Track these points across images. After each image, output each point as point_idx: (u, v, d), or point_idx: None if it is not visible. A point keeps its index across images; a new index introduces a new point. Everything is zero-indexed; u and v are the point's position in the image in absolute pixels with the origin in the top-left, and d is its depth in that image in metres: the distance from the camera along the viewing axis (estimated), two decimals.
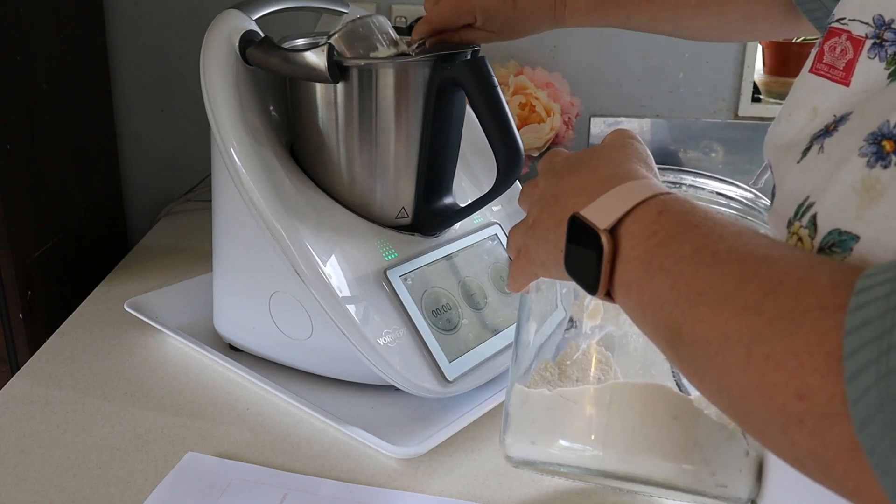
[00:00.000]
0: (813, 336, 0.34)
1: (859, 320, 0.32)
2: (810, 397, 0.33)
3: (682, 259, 0.41)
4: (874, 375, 0.31)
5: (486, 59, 0.81)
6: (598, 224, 0.45)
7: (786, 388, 0.34)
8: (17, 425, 0.81)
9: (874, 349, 0.31)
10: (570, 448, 0.53)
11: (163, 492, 0.72)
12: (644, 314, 0.44)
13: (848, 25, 0.47)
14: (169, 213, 1.38)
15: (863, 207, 0.40)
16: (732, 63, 1.38)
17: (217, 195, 0.89)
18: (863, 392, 0.31)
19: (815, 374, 0.33)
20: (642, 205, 0.45)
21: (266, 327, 0.88)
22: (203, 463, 0.76)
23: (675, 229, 0.43)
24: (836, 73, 0.47)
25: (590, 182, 0.49)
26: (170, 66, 1.38)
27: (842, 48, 0.47)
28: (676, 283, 0.41)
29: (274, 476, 0.75)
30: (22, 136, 1.09)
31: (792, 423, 0.34)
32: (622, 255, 0.45)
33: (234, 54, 0.83)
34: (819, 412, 0.33)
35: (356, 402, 0.86)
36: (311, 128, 0.85)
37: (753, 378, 0.36)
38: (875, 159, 0.40)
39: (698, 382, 0.41)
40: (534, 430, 0.56)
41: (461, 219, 0.91)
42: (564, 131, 1.30)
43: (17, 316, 1.09)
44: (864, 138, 0.41)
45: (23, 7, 1.08)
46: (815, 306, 0.34)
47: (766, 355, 0.35)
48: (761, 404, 0.35)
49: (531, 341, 0.62)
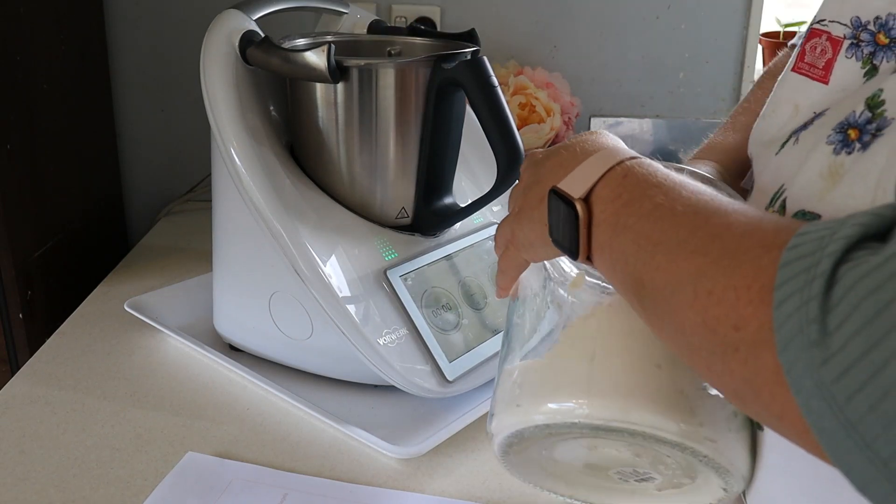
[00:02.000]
0: (751, 271, 0.36)
1: (793, 256, 0.34)
2: (744, 327, 0.36)
3: (643, 215, 0.44)
4: (797, 302, 0.33)
5: (486, 60, 0.81)
6: (573, 194, 0.48)
7: (725, 320, 0.37)
8: (17, 425, 0.81)
9: (801, 280, 0.33)
10: (554, 409, 0.53)
11: (163, 492, 0.72)
12: (615, 271, 0.46)
13: (828, 27, 0.49)
14: (169, 213, 1.38)
15: (826, 190, 0.42)
16: (732, 63, 1.38)
17: (217, 195, 0.89)
18: (786, 317, 0.33)
19: (748, 305, 0.36)
20: (610, 171, 0.48)
21: (266, 327, 0.88)
22: (203, 463, 0.76)
23: (638, 190, 0.46)
24: (816, 72, 0.49)
25: (566, 159, 0.52)
26: (170, 66, 1.38)
27: (822, 48, 0.49)
28: (638, 237, 0.44)
29: (274, 476, 0.75)
30: (22, 136, 1.09)
31: (729, 352, 0.37)
32: (595, 219, 0.47)
33: (234, 54, 0.83)
34: (751, 340, 0.35)
35: (356, 402, 0.86)
36: (311, 128, 0.85)
37: (699, 314, 0.38)
38: (840, 146, 0.42)
39: (660, 329, 0.44)
40: (518, 395, 0.56)
41: (461, 219, 0.91)
42: (564, 131, 1.30)
43: (17, 316, 1.09)
44: (833, 128, 0.44)
45: (23, 7, 1.08)
46: (756, 245, 0.37)
47: (709, 291, 0.38)
48: (706, 338, 0.38)
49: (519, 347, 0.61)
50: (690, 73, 1.38)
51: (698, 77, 1.39)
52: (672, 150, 1.41)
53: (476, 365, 0.85)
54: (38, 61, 1.13)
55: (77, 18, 1.26)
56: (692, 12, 1.35)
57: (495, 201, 0.89)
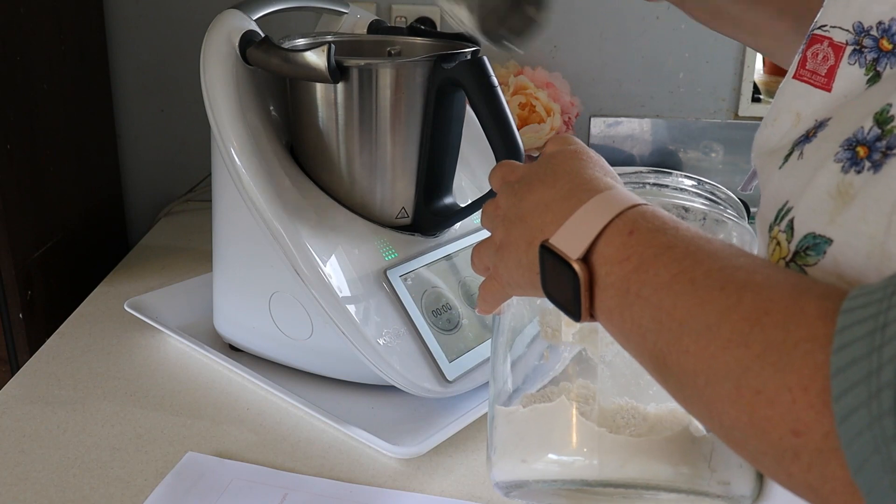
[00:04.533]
0: (805, 370, 0.33)
1: (845, 360, 0.32)
2: (806, 433, 0.33)
3: (660, 287, 0.40)
4: (866, 417, 0.30)
5: (486, 59, 0.81)
6: (570, 254, 0.44)
7: (780, 423, 0.34)
8: (17, 425, 0.81)
9: (863, 392, 0.31)
10: (563, 462, 0.52)
11: (163, 492, 0.72)
12: (629, 341, 0.43)
13: (829, 32, 0.48)
14: (169, 213, 1.38)
15: (836, 212, 0.40)
16: (732, 63, 1.38)
17: (217, 195, 0.89)
18: (856, 434, 0.31)
19: (809, 409, 0.33)
20: (611, 225, 0.44)
21: (266, 327, 0.88)
22: (203, 463, 0.76)
23: (648, 252, 0.42)
24: (819, 79, 0.48)
25: (552, 199, 0.48)
26: (170, 66, 1.38)
27: (824, 54, 0.48)
28: (657, 312, 0.40)
29: (274, 476, 0.75)
30: (22, 136, 1.09)
31: (787, 457, 0.34)
32: (599, 282, 0.44)
33: (234, 54, 0.83)
34: (815, 448, 0.33)
35: (356, 402, 0.86)
36: (311, 128, 0.85)
37: (745, 412, 0.35)
38: (849, 164, 0.40)
39: (689, 408, 0.40)
40: (522, 448, 0.54)
41: (461, 219, 0.91)
42: (564, 131, 1.30)
43: (17, 316, 1.09)
44: (840, 144, 0.42)
45: (23, 7, 1.08)
46: (805, 339, 0.34)
47: (756, 390, 0.34)
48: (755, 437, 0.35)
49: (507, 360, 0.61)
50: (690, 73, 1.38)
51: (698, 77, 1.39)
52: (672, 150, 1.41)
53: (476, 365, 0.85)
54: (38, 61, 1.13)
55: (77, 18, 1.26)
56: None
57: None
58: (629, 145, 1.41)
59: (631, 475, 0.49)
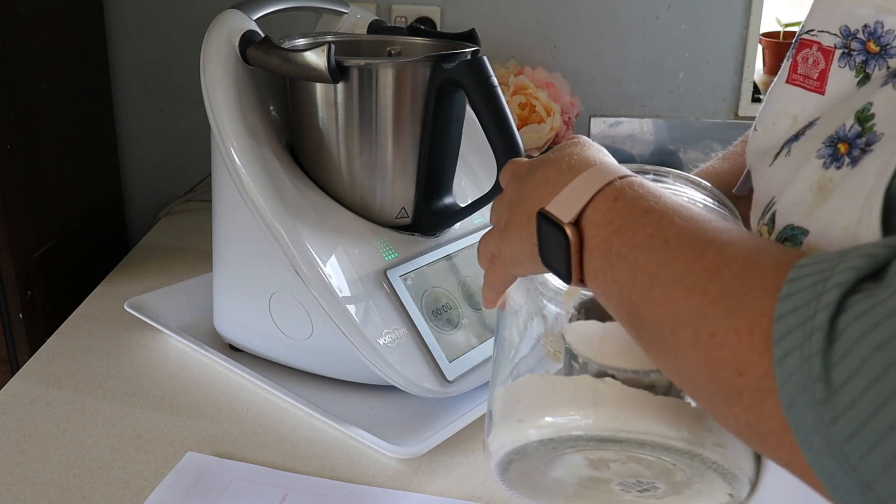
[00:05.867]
0: (752, 314, 0.36)
1: (788, 307, 0.34)
2: (748, 373, 0.35)
3: (637, 245, 0.43)
4: (798, 358, 0.33)
5: (486, 60, 0.81)
6: (562, 218, 0.47)
7: (728, 364, 0.36)
8: (17, 425, 0.81)
9: (798, 335, 0.33)
10: (559, 422, 0.52)
11: (163, 492, 0.72)
12: (609, 299, 0.46)
13: (817, 37, 0.50)
14: (169, 213, 1.38)
15: (815, 205, 0.42)
16: (732, 63, 1.38)
17: (217, 195, 0.89)
18: (789, 375, 0.33)
19: (752, 351, 0.35)
20: (600, 193, 0.47)
21: (266, 327, 0.88)
22: (203, 463, 0.76)
23: (630, 215, 0.45)
24: (811, 83, 0.50)
25: (552, 175, 0.51)
26: (170, 66, 1.38)
27: (814, 59, 0.50)
28: (632, 268, 0.43)
29: (274, 476, 0.75)
30: (22, 137, 1.09)
31: (733, 396, 0.36)
32: (587, 244, 0.47)
33: (234, 54, 0.83)
34: (755, 387, 0.35)
35: (356, 402, 0.86)
36: (311, 128, 0.85)
37: (701, 356, 0.38)
38: (830, 160, 0.42)
39: (658, 361, 0.43)
40: (520, 409, 0.55)
41: (461, 219, 0.91)
42: (564, 131, 1.30)
43: (17, 316, 1.09)
44: (823, 141, 0.43)
45: (23, 7, 1.08)
46: (757, 286, 0.36)
47: (710, 334, 0.37)
48: (709, 380, 0.37)
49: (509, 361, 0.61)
50: (690, 73, 1.38)
51: (698, 77, 1.39)
52: (672, 150, 1.41)
53: (476, 365, 0.85)
54: (38, 61, 1.13)
55: (77, 18, 1.26)
56: (692, 12, 1.35)
57: None
58: (629, 145, 1.41)
59: (626, 429, 0.50)
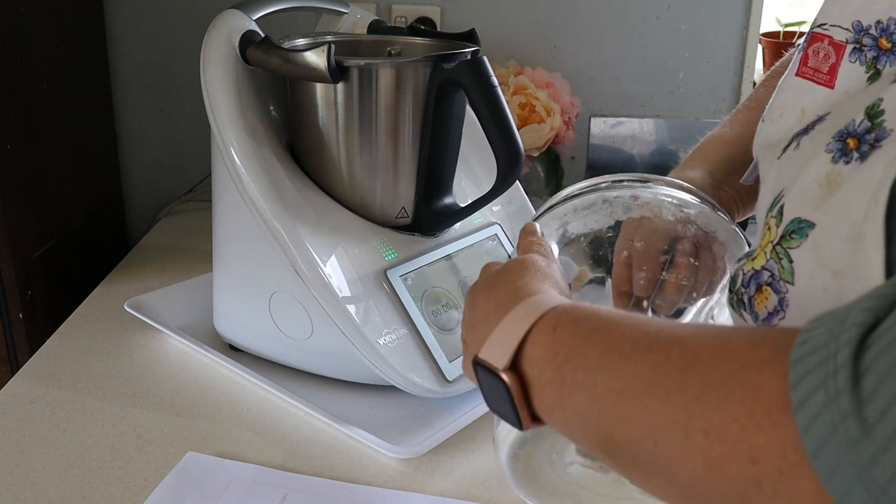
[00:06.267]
0: (748, 395, 0.33)
1: (805, 350, 0.32)
2: (762, 457, 0.32)
3: (592, 367, 0.40)
4: (822, 398, 0.30)
5: (486, 60, 0.81)
6: (497, 364, 0.44)
7: (735, 457, 0.33)
8: (17, 425, 0.81)
9: (820, 374, 0.31)
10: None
11: (163, 492, 0.72)
12: (575, 432, 0.42)
13: (829, 31, 0.49)
14: (169, 213, 1.38)
15: (822, 199, 0.41)
16: (732, 63, 1.38)
17: (217, 195, 0.89)
18: (812, 419, 0.30)
19: (759, 432, 0.32)
20: (535, 327, 0.44)
21: (266, 327, 0.88)
22: (203, 463, 0.76)
23: (575, 341, 0.42)
24: (821, 77, 0.49)
25: (490, 309, 0.49)
26: (170, 66, 1.38)
27: (825, 53, 0.49)
28: (593, 391, 0.40)
29: (274, 476, 0.75)
30: (22, 136, 1.09)
31: (750, 490, 0.33)
32: (533, 384, 0.44)
33: (234, 54, 0.83)
34: (775, 469, 0.32)
35: (356, 402, 0.86)
36: (311, 128, 0.85)
37: (699, 458, 0.34)
38: (839, 155, 0.42)
39: (646, 484, 0.39)
40: None
41: (461, 219, 0.91)
42: (564, 131, 1.30)
43: (17, 316, 1.09)
44: (833, 136, 0.43)
45: (23, 7, 1.08)
46: (739, 367, 0.34)
47: (704, 431, 0.34)
48: (714, 482, 0.34)
49: None
50: (690, 73, 1.38)
51: (698, 77, 1.39)
52: (672, 150, 1.41)
53: None
54: (38, 61, 1.13)
55: (77, 18, 1.26)
56: (692, 12, 1.35)
57: (495, 201, 0.89)
58: (629, 145, 1.41)
59: None
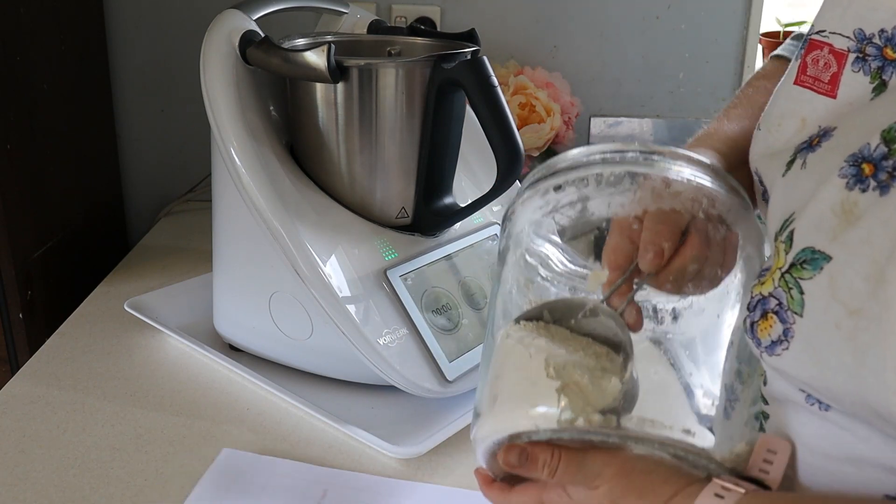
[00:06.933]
0: None
1: None
2: None
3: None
4: None
5: (486, 60, 0.81)
6: None
7: None
8: (17, 425, 0.81)
9: None
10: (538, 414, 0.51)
11: (203, 488, 0.72)
12: None
13: (829, 38, 0.48)
14: (169, 213, 1.38)
15: (839, 230, 0.40)
16: (732, 63, 1.38)
17: (217, 195, 0.89)
18: None
19: None
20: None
21: (266, 327, 0.88)
22: (241, 460, 0.76)
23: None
24: (822, 86, 0.48)
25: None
26: (170, 66, 1.38)
27: (825, 61, 0.48)
28: None
29: (313, 472, 0.75)
30: (22, 137, 1.09)
31: None
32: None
33: (234, 54, 0.83)
34: None
35: (356, 402, 0.86)
36: (311, 128, 0.85)
37: None
38: (854, 182, 0.40)
39: None
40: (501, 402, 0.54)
41: (461, 219, 0.91)
42: (564, 131, 1.30)
43: (17, 316, 1.09)
44: (845, 159, 0.41)
45: (23, 7, 1.08)
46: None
47: None
48: None
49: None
50: (690, 73, 1.38)
51: (698, 77, 1.39)
52: None
53: (476, 365, 0.85)
54: (38, 61, 1.13)
55: (77, 18, 1.26)
56: (692, 12, 1.35)
57: (495, 201, 0.89)
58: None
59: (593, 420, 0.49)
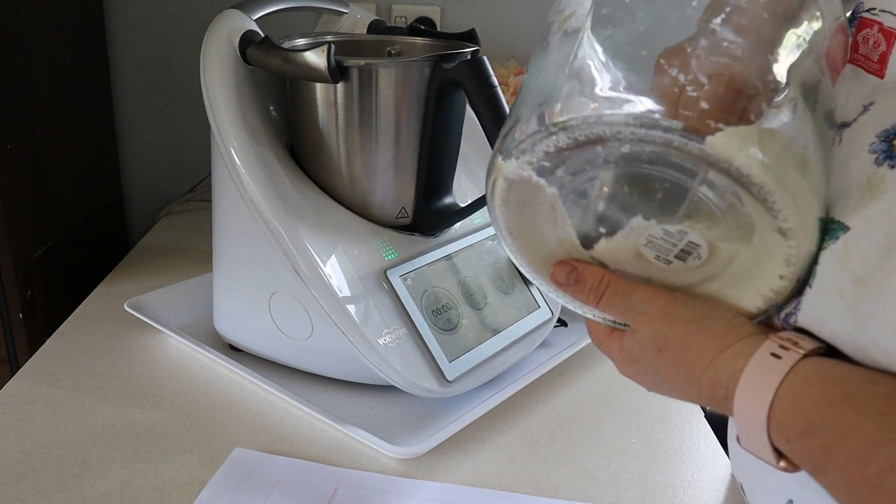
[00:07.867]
0: None
1: None
2: None
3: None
4: None
5: (485, 59, 0.81)
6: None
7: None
8: (17, 425, 0.81)
9: None
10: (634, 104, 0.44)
11: (215, 487, 0.72)
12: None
13: (878, 16, 0.46)
14: (169, 213, 1.38)
15: (862, 203, 0.39)
16: None
17: (217, 195, 0.89)
18: None
19: None
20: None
21: (266, 327, 0.88)
22: (251, 458, 0.76)
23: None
24: (871, 65, 0.47)
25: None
26: (170, 66, 1.38)
27: (874, 40, 0.46)
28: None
29: (324, 471, 0.75)
30: (22, 136, 1.09)
31: None
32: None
33: (234, 54, 0.83)
34: None
35: (356, 402, 0.86)
36: (311, 128, 0.85)
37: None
38: (883, 157, 0.40)
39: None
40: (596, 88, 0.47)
41: (461, 219, 0.91)
42: None
43: (17, 316, 1.09)
44: (877, 134, 0.41)
45: (23, 7, 1.08)
46: None
47: None
48: None
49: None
50: None
51: None
52: None
53: (476, 365, 0.85)
54: (38, 62, 1.13)
55: (77, 18, 1.26)
56: None
57: None
58: None
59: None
